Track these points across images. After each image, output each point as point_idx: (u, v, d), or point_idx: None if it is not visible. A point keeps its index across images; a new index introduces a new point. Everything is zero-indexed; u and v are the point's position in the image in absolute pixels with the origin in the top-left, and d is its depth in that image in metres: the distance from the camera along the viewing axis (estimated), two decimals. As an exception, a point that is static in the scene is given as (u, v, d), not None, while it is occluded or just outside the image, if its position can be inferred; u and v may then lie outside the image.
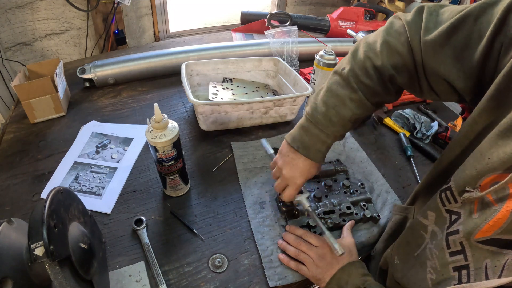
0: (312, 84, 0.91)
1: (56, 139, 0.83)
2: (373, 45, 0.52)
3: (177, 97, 1.02)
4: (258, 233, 0.64)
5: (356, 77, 0.53)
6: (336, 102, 0.54)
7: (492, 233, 0.35)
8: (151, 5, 1.52)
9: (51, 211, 0.41)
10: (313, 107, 0.57)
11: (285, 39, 1.18)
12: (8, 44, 1.23)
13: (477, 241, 0.37)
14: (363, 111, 0.54)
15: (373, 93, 0.53)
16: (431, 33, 0.45)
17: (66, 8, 1.28)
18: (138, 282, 0.55)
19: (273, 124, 0.92)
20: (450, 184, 0.42)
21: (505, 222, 0.33)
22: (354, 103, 0.53)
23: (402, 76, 0.50)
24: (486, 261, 0.36)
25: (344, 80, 0.54)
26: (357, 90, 0.53)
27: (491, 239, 0.35)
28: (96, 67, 1.01)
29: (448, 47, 0.44)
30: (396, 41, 0.49)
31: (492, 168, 0.36)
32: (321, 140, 0.56)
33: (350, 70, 0.53)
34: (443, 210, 0.43)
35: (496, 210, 0.35)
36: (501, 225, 0.34)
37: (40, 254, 0.38)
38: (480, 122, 0.41)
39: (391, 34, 0.50)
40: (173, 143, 0.59)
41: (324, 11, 1.99)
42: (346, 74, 0.54)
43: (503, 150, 0.35)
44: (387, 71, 0.50)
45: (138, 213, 0.66)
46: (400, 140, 0.92)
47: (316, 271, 0.56)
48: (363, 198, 0.71)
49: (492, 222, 0.35)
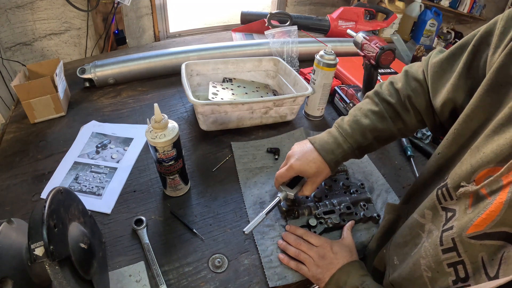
0: (312, 84, 0.91)
1: (56, 139, 0.83)
2: (396, 76, 0.62)
3: (177, 97, 1.02)
4: (258, 233, 0.64)
5: (379, 95, 0.61)
6: (359, 113, 0.61)
7: (484, 226, 0.35)
8: (151, 5, 1.52)
9: (51, 211, 0.41)
10: (342, 118, 0.64)
11: (285, 39, 1.18)
12: (8, 44, 1.23)
13: (469, 236, 0.36)
14: (383, 127, 0.59)
15: (394, 111, 0.59)
16: (439, 56, 0.54)
17: (66, 8, 1.28)
18: (138, 282, 0.55)
19: (273, 124, 0.92)
20: (446, 181, 0.42)
21: (498, 214, 0.33)
22: (375, 115, 0.59)
23: (419, 98, 0.57)
24: (481, 255, 0.35)
25: (370, 99, 0.63)
26: (378, 104, 0.60)
27: (484, 233, 0.35)
28: (96, 67, 1.01)
29: (450, 67, 0.51)
30: (414, 70, 0.59)
31: (486, 161, 0.36)
32: (337, 143, 0.60)
33: (375, 91, 0.63)
34: (440, 208, 0.43)
35: (489, 202, 0.34)
36: (494, 217, 0.34)
37: (40, 254, 0.38)
38: (475, 119, 0.42)
39: (412, 67, 0.61)
40: (173, 143, 0.59)
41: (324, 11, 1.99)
42: (371, 94, 0.63)
43: (497, 143, 0.35)
44: (405, 91, 0.58)
45: (138, 213, 0.66)
46: (400, 140, 0.92)
47: (316, 271, 0.56)
48: (363, 198, 0.71)
49: (485, 215, 0.34)
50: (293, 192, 0.62)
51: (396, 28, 1.61)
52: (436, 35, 1.56)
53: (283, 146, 0.85)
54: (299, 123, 0.96)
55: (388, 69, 1.19)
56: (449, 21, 1.69)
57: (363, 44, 0.84)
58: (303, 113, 0.99)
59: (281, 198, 0.62)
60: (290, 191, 0.62)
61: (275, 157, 0.82)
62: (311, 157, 0.59)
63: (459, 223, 0.38)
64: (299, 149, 0.61)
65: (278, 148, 0.83)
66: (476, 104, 0.41)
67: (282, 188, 0.63)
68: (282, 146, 0.85)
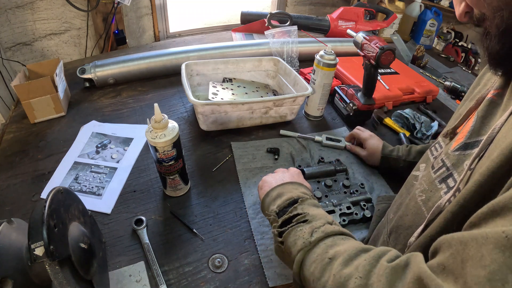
0: (312, 84, 0.91)
1: (56, 139, 0.83)
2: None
3: (177, 97, 1.02)
4: (258, 233, 0.64)
5: None
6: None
7: (464, 137, 0.43)
8: (151, 5, 1.51)
9: (51, 211, 0.41)
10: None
11: (285, 39, 1.18)
12: (8, 44, 1.22)
13: (454, 150, 0.44)
14: None
15: None
16: None
17: (66, 8, 1.28)
18: (138, 282, 0.55)
19: (273, 124, 0.92)
20: (438, 139, 0.52)
21: (472, 125, 0.42)
22: None
23: None
24: (466, 163, 0.39)
25: None
26: None
27: (465, 143, 0.42)
28: (96, 67, 1.01)
29: None
30: None
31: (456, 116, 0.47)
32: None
33: None
34: (432, 158, 0.52)
35: (464, 125, 0.45)
36: (470, 125, 0.42)
37: (40, 254, 0.38)
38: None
39: None
40: (173, 143, 0.59)
41: (324, 11, 1.98)
42: None
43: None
44: None
45: (138, 213, 0.66)
46: (400, 140, 0.92)
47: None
48: (363, 198, 0.71)
49: (463, 131, 0.44)
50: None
51: (396, 28, 1.61)
52: (436, 35, 1.56)
53: (283, 146, 0.85)
54: (299, 123, 0.96)
55: (388, 69, 1.19)
56: (449, 21, 1.69)
57: (363, 44, 0.84)
58: (303, 113, 0.99)
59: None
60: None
61: (275, 157, 0.82)
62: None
63: (445, 148, 0.47)
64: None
65: (278, 148, 0.83)
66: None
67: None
68: (282, 146, 0.85)
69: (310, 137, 0.88)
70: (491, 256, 0.24)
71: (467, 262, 0.26)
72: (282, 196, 0.51)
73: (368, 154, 0.81)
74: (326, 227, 0.44)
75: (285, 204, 0.50)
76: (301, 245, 0.43)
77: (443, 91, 1.21)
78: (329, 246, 0.41)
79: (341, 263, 0.37)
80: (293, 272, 0.44)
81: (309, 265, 0.41)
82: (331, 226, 0.45)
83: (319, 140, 0.87)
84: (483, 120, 0.42)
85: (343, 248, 0.40)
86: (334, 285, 0.36)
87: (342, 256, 0.38)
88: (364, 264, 0.35)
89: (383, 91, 1.05)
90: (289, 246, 0.45)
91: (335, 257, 0.39)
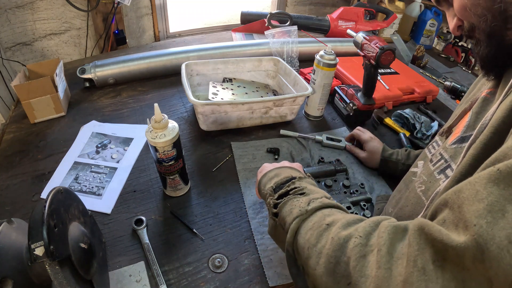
0: (312, 84, 0.91)
1: (56, 139, 0.83)
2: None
3: (177, 97, 1.02)
4: (258, 233, 0.64)
5: None
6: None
7: (460, 132, 0.45)
8: (151, 5, 1.51)
9: (51, 211, 0.41)
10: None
11: (285, 39, 1.18)
12: (8, 44, 1.22)
13: (451, 143, 0.46)
14: None
15: None
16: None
17: (66, 8, 1.28)
18: (138, 282, 0.55)
19: (273, 124, 0.92)
20: (435, 138, 0.54)
21: (467, 120, 0.44)
22: None
23: None
24: (463, 154, 0.40)
25: None
26: None
27: (461, 137, 0.44)
28: (96, 67, 1.01)
29: None
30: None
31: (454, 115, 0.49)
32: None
33: None
34: (429, 155, 0.53)
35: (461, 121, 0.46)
36: (466, 121, 0.44)
37: (40, 254, 0.38)
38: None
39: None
40: (173, 143, 0.59)
41: (324, 11, 1.98)
42: None
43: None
44: None
45: (138, 213, 0.66)
46: (400, 140, 0.92)
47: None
48: (363, 198, 0.71)
49: (459, 125, 0.46)
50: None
51: (396, 28, 1.61)
52: (436, 35, 1.56)
53: (283, 146, 0.85)
54: (299, 123, 0.96)
55: (388, 69, 1.19)
56: (449, 21, 1.69)
57: (363, 44, 0.84)
58: (303, 113, 0.99)
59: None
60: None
61: (275, 157, 0.82)
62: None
63: (443, 144, 0.49)
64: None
65: (278, 148, 0.83)
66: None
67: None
68: (282, 146, 0.85)
69: (310, 137, 0.88)
70: (486, 190, 0.25)
71: (464, 204, 0.26)
72: (279, 175, 0.51)
73: (367, 156, 0.81)
74: (324, 200, 0.43)
75: (283, 181, 0.49)
76: (297, 213, 0.42)
77: (443, 91, 1.21)
78: (327, 215, 0.40)
79: (340, 227, 0.36)
80: (286, 242, 0.42)
81: (304, 233, 0.40)
82: (329, 200, 0.44)
83: (319, 140, 0.87)
84: (477, 115, 0.44)
85: (341, 216, 0.39)
86: (332, 248, 0.35)
87: (341, 221, 0.37)
88: (364, 226, 0.35)
89: (383, 91, 1.05)
90: (283, 216, 0.44)
91: (333, 223, 0.38)
